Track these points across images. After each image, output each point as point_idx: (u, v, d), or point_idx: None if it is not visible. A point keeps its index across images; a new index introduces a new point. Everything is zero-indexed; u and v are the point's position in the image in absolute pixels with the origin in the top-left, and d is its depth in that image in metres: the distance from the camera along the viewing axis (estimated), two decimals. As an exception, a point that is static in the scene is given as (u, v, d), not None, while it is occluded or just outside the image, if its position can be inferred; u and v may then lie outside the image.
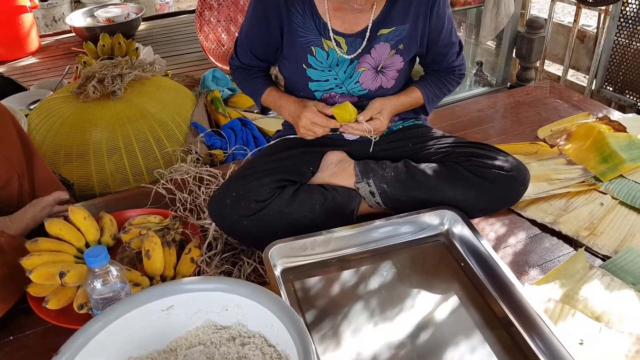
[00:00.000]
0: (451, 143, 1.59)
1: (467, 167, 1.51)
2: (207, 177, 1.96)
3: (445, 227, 1.51)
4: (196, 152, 2.24)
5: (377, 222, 1.46)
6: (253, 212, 1.45)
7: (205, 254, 1.55)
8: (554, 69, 3.47)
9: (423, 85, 1.57)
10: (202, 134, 2.31)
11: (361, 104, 1.56)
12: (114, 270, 1.19)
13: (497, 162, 1.49)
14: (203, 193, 1.86)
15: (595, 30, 3.02)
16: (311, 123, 1.44)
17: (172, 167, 2.05)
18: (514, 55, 3.05)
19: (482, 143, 1.59)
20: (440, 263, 1.43)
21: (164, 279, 1.49)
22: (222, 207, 1.48)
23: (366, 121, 1.46)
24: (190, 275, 1.48)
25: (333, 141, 1.67)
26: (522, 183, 1.51)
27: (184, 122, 2.38)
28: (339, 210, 1.55)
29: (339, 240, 1.45)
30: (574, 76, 3.53)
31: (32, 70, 3.66)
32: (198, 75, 3.09)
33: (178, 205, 1.82)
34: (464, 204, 1.50)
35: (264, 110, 1.67)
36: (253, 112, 2.64)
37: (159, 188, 1.91)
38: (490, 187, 1.48)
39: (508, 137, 2.18)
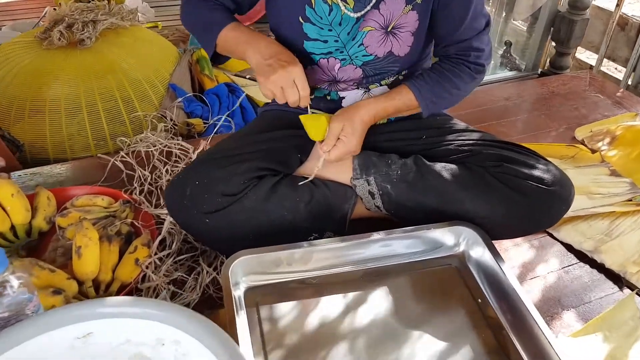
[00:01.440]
0: (477, 140, 1.26)
1: (495, 174, 1.18)
2: (178, 151, 1.63)
3: (461, 248, 1.19)
4: (171, 120, 1.90)
5: (375, 236, 1.14)
6: (218, 207, 1.14)
7: (156, 254, 1.23)
8: (585, 56, 3.10)
9: (416, 83, 1.21)
10: (180, 99, 1.98)
11: (367, 77, 1.25)
12: (13, 281, 0.88)
13: (536, 172, 1.16)
14: (168, 172, 1.53)
15: (639, 19, 2.65)
16: (290, 83, 1.10)
17: (139, 136, 1.72)
18: (549, 37, 2.68)
19: (516, 144, 1.25)
20: (450, 295, 1.12)
21: (97, 284, 1.18)
22: (181, 197, 1.16)
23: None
24: (132, 282, 1.16)
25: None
26: (565, 202, 1.18)
27: (161, 83, 2.04)
28: (329, 212, 1.24)
29: (324, 254, 1.14)
30: (606, 67, 3.15)
31: (10, 10, 3.29)
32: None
33: (135, 185, 1.49)
34: (486, 220, 1.17)
35: (217, 59, 1.27)
36: (245, 77, 2.29)
37: (116, 161, 1.58)
38: (524, 203, 1.15)
39: (539, 135, 1.84)
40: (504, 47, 2.88)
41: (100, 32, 2.05)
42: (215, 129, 1.87)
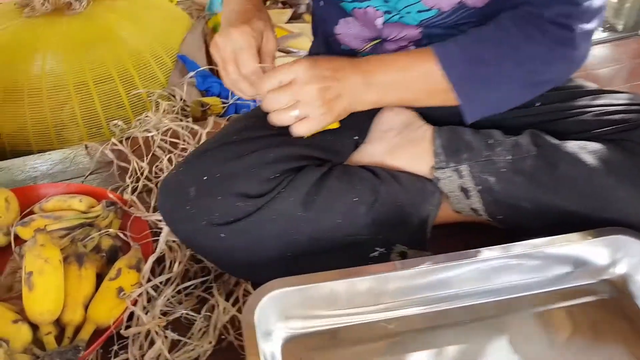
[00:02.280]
0: (630, 105, 0.83)
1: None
2: (187, 134, 1.24)
3: (619, 269, 0.76)
4: (181, 99, 1.51)
5: (484, 254, 0.72)
6: (238, 215, 0.77)
7: (150, 280, 0.84)
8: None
9: (447, 46, 0.75)
10: (192, 73, 1.59)
11: (430, 38, 0.84)
12: None
13: None
14: (172, 163, 1.14)
15: None
16: (228, 56, 0.77)
17: (138, 119, 1.33)
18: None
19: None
20: (605, 345, 0.70)
21: (62, 327, 0.79)
22: (181, 201, 0.79)
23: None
24: (112, 326, 0.77)
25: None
26: None
27: (168, 55, 1.65)
28: (401, 217, 0.84)
29: (404, 283, 0.73)
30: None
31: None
32: (206, 2, 2.33)
33: (128, 181, 1.10)
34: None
35: None
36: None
37: (106, 150, 1.19)
38: None
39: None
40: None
41: (93, -6, 1.68)
42: (236, 109, 1.48)
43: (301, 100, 0.72)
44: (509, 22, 0.73)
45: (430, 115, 0.94)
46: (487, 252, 0.72)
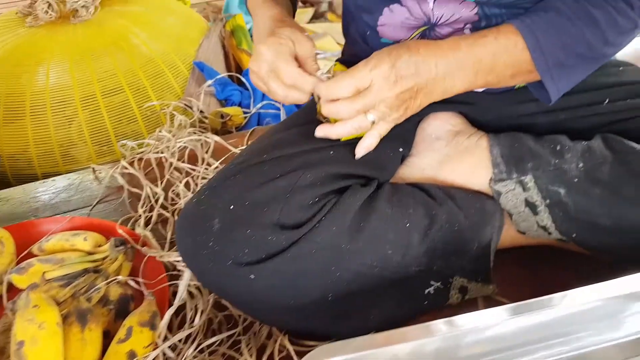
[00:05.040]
0: None
1: None
2: (207, 154, 1.10)
3: None
4: (199, 110, 1.37)
5: (598, 293, 0.56)
6: (271, 251, 0.66)
7: (167, 338, 0.69)
8: None
9: (530, 22, 0.66)
10: (210, 81, 1.44)
11: (487, 19, 0.74)
12: None
13: None
14: (190, 188, 0.99)
15: None
16: (266, 71, 0.69)
17: (151, 136, 1.19)
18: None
19: None
20: None
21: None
22: (204, 237, 0.67)
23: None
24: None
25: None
26: None
27: (183, 63, 1.51)
28: (459, 243, 0.73)
29: (490, 335, 0.57)
30: None
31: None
32: (222, 5, 2.19)
33: (141, 210, 0.96)
34: None
35: None
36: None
37: (115, 174, 1.05)
38: None
39: None
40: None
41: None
42: (259, 121, 1.33)
43: (376, 106, 0.64)
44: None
45: (479, 119, 0.84)
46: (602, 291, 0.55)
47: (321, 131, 0.70)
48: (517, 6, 0.69)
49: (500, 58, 0.65)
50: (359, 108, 0.64)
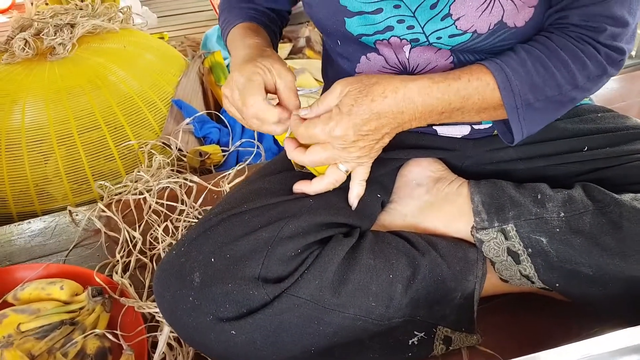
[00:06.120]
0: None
1: None
2: (185, 196, 1.09)
3: None
4: (177, 149, 1.36)
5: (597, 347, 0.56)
6: (252, 306, 0.65)
7: (146, 394, 0.68)
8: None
9: (502, 63, 0.66)
10: (189, 119, 1.44)
11: (461, 65, 0.73)
12: None
13: None
14: (169, 233, 0.98)
15: None
16: (237, 98, 0.69)
17: (129, 176, 1.18)
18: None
19: None
20: None
21: None
22: (184, 291, 0.66)
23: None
24: None
25: (417, 137, 0.84)
26: None
27: (162, 101, 1.50)
28: (442, 294, 0.73)
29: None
30: None
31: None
32: (201, 38, 2.20)
33: (118, 256, 0.94)
34: None
35: None
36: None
37: (92, 217, 1.04)
38: None
39: None
40: None
41: (79, 37, 1.53)
42: (238, 159, 1.33)
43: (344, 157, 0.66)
44: (562, 41, 0.66)
45: (458, 165, 0.85)
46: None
47: (298, 188, 0.71)
48: (491, 52, 0.70)
49: (470, 99, 0.65)
50: (321, 157, 0.65)
